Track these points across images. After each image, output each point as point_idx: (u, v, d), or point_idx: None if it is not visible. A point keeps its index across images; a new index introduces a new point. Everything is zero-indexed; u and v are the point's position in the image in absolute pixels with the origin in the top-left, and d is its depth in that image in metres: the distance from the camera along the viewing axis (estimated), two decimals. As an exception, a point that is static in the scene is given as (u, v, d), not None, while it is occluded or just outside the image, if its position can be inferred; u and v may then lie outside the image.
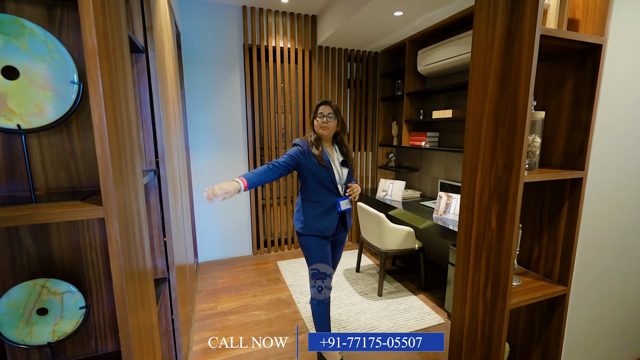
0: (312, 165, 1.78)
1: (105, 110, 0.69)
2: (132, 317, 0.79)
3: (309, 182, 1.81)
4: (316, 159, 1.78)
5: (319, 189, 1.81)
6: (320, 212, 1.82)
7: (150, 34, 1.37)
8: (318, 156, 1.78)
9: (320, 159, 1.78)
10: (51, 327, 0.81)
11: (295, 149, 1.79)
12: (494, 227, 1.26)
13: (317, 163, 1.78)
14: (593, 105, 1.25)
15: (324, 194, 1.82)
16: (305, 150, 1.78)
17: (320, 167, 1.79)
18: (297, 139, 1.86)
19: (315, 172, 1.78)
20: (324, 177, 1.80)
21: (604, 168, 1.38)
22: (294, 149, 1.79)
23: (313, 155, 1.78)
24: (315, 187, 1.81)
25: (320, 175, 1.79)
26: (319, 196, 1.82)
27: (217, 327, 2.26)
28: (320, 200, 1.82)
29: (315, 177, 1.79)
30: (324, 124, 1.78)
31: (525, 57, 1.10)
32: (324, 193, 1.82)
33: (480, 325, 1.36)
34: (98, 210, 0.70)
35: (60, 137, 0.88)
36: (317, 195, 1.82)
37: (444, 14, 2.49)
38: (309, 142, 1.81)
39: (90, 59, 0.65)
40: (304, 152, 1.78)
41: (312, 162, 1.78)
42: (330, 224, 1.84)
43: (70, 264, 0.94)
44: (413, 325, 2.25)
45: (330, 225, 1.84)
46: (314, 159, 1.78)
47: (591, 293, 1.49)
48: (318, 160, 1.78)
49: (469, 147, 1.36)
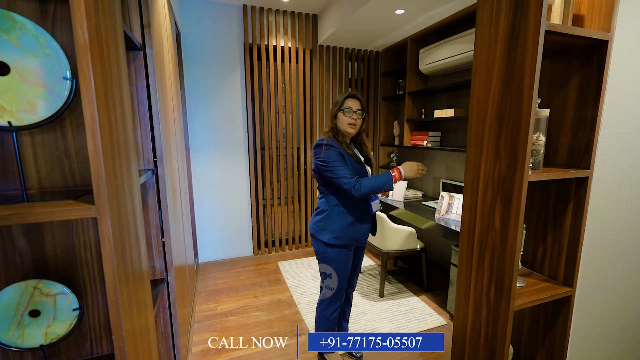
0: (351, 162, 1.60)
1: (98, 107, 0.67)
2: (127, 319, 0.77)
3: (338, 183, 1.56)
4: (351, 156, 1.60)
5: None
6: (354, 218, 1.62)
7: (148, 31, 1.36)
8: (354, 155, 1.61)
9: (354, 155, 1.62)
10: (44, 329, 0.79)
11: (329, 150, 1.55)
12: (497, 227, 1.24)
13: (353, 160, 1.60)
14: (599, 103, 1.22)
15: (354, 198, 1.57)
16: (341, 151, 1.58)
17: (356, 163, 1.61)
18: (324, 139, 1.61)
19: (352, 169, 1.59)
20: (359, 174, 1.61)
21: (610, 167, 1.35)
22: (333, 153, 1.54)
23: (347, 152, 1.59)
24: None
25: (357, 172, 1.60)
26: (350, 200, 1.62)
27: (217, 328, 2.24)
28: (354, 206, 1.63)
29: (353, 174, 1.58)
30: (354, 121, 1.60)
31: (529, 53, 1.07)
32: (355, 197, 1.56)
33: (483, 327, 1.33)
34: (90, 210, 0.68)
35: (54, 135, 0.86)
36: (348, 199, 1.62)
37: (445, 11, 2.46)
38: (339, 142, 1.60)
39: (81, 53, 0.63)
40: (338, 149, 1.57)
41: (348, 158, 1.59)
42: (365, 230, 1.67)
43: (64, 265, 0.92)
44: (415, 327, 2.22)
45: (365, 232, 1.68)
46: (349, 156, 1.59)
47: (597, 294, 1.46)
48: (352, 156, 1.60)
49: (472, 145, 1.33)
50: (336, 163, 1.53)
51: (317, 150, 1.60)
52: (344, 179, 1.51)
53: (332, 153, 1.55)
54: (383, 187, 1.51)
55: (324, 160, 1.55)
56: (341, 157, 1.56)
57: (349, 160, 1.59)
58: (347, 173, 1.52)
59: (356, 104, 1.61)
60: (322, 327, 1.75)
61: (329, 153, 1.55)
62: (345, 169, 1.53)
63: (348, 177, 1.51)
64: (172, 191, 1.69)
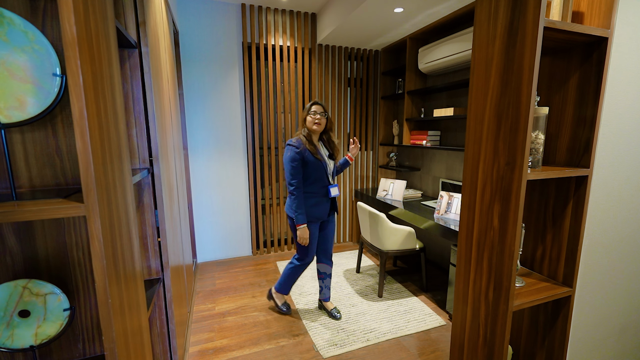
0: (310, 160, 2.01)
1: (87, 103, 0.65)
2: (118, 320, 0.76)
3: (305, 175, 2.03)
4: (312, 154, 2.00)
5: (314, 181, 2.06)
6: (315, 201, 2.08)
7: (143, 29, 1.34)
8: (313, 150, 2.01)
9: (315, 152, 2.02)
10: (34, 330, 0.78)
11: (293, 152, 1.98)
12: (496, 226, 1.22)
13: (313, 158, 2.01)
14: (599, 101, 1.21)
15: (318, 185, 2.07)
16: (301, 149, 1.99)
17: (316, 160, 2.03)
18: (292, 139, 2.04)
19: (312, 166, 2.02)
20: (319, 170, 2.04)
21: (610, 165, 1.33)
22: (291, 154, 1.98)
23: (309, 151, 2.00)
24: (311, 179, 2.05)
25: (316, 168, 2.03)
26: (314, 187, 2.07)
27: (214, 328, 2.23)
28: (314, 191, 2.08)
29: (312, 170, 2.03)
30: (318, 121, 2.02)
31: (528, 49, 1.06)
32: (318, 184, 2.07)
33: (482, 328, 1.32)
34: (79, 208, 0.67)
35: (45, 132, 0.85)
36: (312, 186, 2.06)
37: (445, 10, 2.45)
38: (303, 140, 2.02)
39: (69, 48, 0.62)
40: (300, 152, 1.99)
41: (308, 158, 2.00)
42: (326, 209, 2.15)
43: (56, 264, 0.91)
44: (414, 327, 2.21)
45: (326, 211, 2.15)
46: (309, 155, 2.00)
47: (597, 294, 1.44)
48: (313, 154, 2.01)
49: (471, 144, 1.32)
50: (289, 165, 1.99)
51: (285, 149, 2.05)
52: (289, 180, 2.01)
53: (291, 153, 1.98)
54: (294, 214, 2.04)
55: (285, 159, 2.03)
56: (300, 159, 1.99)
57: (310, 158, 2.01)
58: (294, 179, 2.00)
59: (319, 109, 2.05)
60: (288, 277, 2.29)
61: (289, 155, 1.99)
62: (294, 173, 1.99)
63: (291, 181, 2.00)
64: (168, 190, 1.68)
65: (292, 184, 1.99)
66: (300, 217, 2.02)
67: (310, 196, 2.07)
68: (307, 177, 2.03)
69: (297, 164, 1.98)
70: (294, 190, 2.00)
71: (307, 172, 2.02)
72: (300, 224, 2.03)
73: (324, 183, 2.08)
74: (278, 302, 2.40)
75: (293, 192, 2.00)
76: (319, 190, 2.08)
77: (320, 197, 2.09)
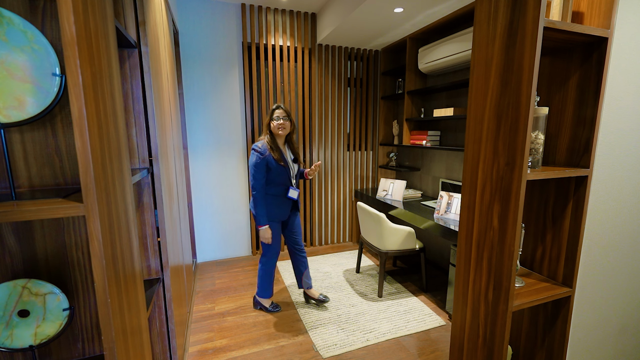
0: (273, 165, 2.10)
1: (86, 103, 0.65)
2: (117, 320, 0.75)
3: (268, 178, 2.13)
4: (276, 160, 2.10)
5: (277, 184, 2.16)
6: (278, 202, 2.19)
7: (143, 29, 1.34)
8: (278, 157, 2.10)
9: (280, 159, 2.11)
10: (33, 329, 0.78)
11: (257, 158, 2.07)
12: (495, 226, 1.22)
13: (276, 164, 2.10)
14: (599, 101, 1.21)
15: (281, 188, 2.18)
16: (266, 155, 2.08)
17: (280, 166, 2.11)
18: (257, 144, 2.12)
19: (275, 171, 2.11)
20: (282, 175, 2.14)
21: (610, 166, 1.33)
22: (255, 159, 2.07)
23: (273, 157, 2.09)
24: (275, 183, 2.15)
25: (280, 173, 2.13)
26: (276, 189, 2.17)
27: (214, 328, 2.23)
28: (277, 193, 2.18)
29: (275, 175, 2.12)
30: (281, 125, 2.09)
31: (528, 49, 1.06)
32: (280, 187, 2.18)
33: (481, 328, 1.32)
34: (78, 208, 0.67)
35: (44, 132, 0.85)
36: (275, 189, 2.17)
37: (445, 10, 2.45)
38: (267, 146, 2.10)
39: (68, 47, 0.62)
40: (265, 158, 2.08)
41: (272, 163, 2.09)
42: (287, 210, 2.27)
43: (55, 264, 0.91)
44: (413, 327, 2.21)
45: (286, 211, 2.27)
46: (273, 161, 2.09)
47: (596, 294, 1.44)
48: (278, 161, 2.10)
49: (470, 144, 1.32)
50: (252, 169, 2.09)
51: (252, 152, 2.12)
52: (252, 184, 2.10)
53: (255, 158, 2.07)
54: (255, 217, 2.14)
55: (249, 163, 2.11)
56: (264, 163, 2.07)
57: (273, 163, 2.10)
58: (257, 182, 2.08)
59: (282, 113, 2.11)
60: (263, 279, 2.37)
61: (253, 160, 2.08)
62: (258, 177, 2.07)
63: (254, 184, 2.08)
64: (168, 190, 1.68)
65: (254, 187, 2.08)
66: (262, 219, 2.11)
67: (272, 198, 2.17)
68: (270, 181, 2.13)
69: (261, 169, 2.07)
70: (256, 194, 2.08)
71: (271, 177, 2.12)
72: (261, 225, 2.12)
73: (286, 186, 2.20)
74: (265, 304, 2.44)
75: (255, 195, 2.09)
76: (282, 192, 2.20)
77: (283, 199, 2.21)
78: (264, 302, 2.43)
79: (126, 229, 0.90)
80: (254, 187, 2.09)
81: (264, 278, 2.37)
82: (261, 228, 2.13)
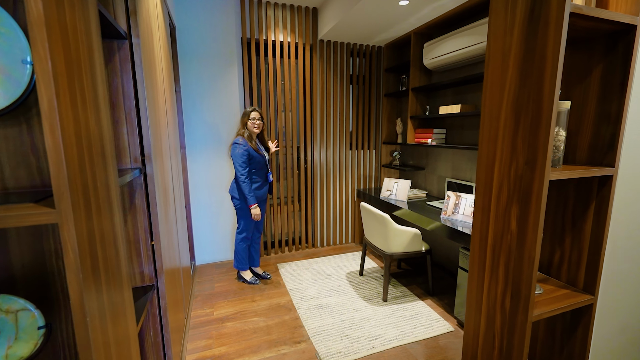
0: (254, 155, 2.60)
1: (58, 94, 0.57)
2: (98, 334, 0.67)
3: (251, 166, 2.60)
4: (254, 150, 2.59)
5: (257, 170, 2.66)
6: (259, 184, 2.70)
7: (134, 19, 1.25)
8: (255, 148, 2.60)
9: (257, 149, 2.62)
10: (4, 350, 0.70)
11: (242, 149, 2.52)
12: (513, 230, 1.13)
13: (257, 153, 2.61)
14: (625, 94, 1.12)
15: (260, 173, 2.69)
16: (247, 147, 2.55)
17: (259, 155, 2.63)
18: (238, 139, 2.57)
19: (255, 159, 2.61)
20: (260, 161, 2.65)
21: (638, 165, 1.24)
22: (241, 151, 2.52)
23: (252, 148, 2.58)
24: (256, 169, 2.65)
25: (259, 160, 2.64)
26: (258, 175, 2.68)
27: (212, 335, 2.14)
28: (258, 178, 2.69)
29: (255, 163, 2.62)
30: (257, 125, 2.61)
31: (551, 38, 0.97)
32: (261, 172, 2.69)
33: (497, 339, 1.23)
34: (50, 215, 0.58)
35: (19, 128, 0.76)
36: (257, 174, 2.68)
37: (452, 2, 2.35)
38: (247, 140, 2.57)
39: (35, 28, 0.53)
40: (247, 149, 2.54)
41: (253, 153, 2.59)
42: (265, 191, 2.78)
43: (33, 275, 0.82)
44: (421, 334, 2.12)
45: (265, 192, 2.78)
46: (253, 151, 2.58)
47: (620, 302, 1.35)
48: (256, 151, 2.60)
49: (485, 142, 1.23)
50: (240, 159, 2.52)
51: (234, 146, 2.56)
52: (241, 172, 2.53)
53: (241, 150, 2.52)
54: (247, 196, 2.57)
55: (235, 155, 2.54)
56: (247, 154, 2.54)
57: (254, 154, 2.58)
58: (244, 170, 2.53)
59: (258, 115, 2.62)
60: (239, 254, 2.84)
61: (239, 152, 2.52)
62: (244, 166, 2.53)
63: (242, 172, 2.53)
64: (163, 191, 1.59)
65: (243, 174, 2.52)
66: (252, 199, 2.57)
67: (255, 182, 2.66)
68: (253, 167, 2.61)
69: (246, 158, 2.53)
70: (245, 180, 2.53)
71: (253, 164, 2.60)
72: (252, 204, 2.58)
73: (264, 171, 2.72)
74: (246, 277, 2.89)
75: (244, 181, 2.53)
76: (262, 176, 2.71)
77: (263, 182, 2.73)
78: (245, 275, 2.89)
79: (111, 235, 0.81)
80: (242, 173, 2.51)
81: (245, 251, 2.83)
82: (252, 207, 2.58)
